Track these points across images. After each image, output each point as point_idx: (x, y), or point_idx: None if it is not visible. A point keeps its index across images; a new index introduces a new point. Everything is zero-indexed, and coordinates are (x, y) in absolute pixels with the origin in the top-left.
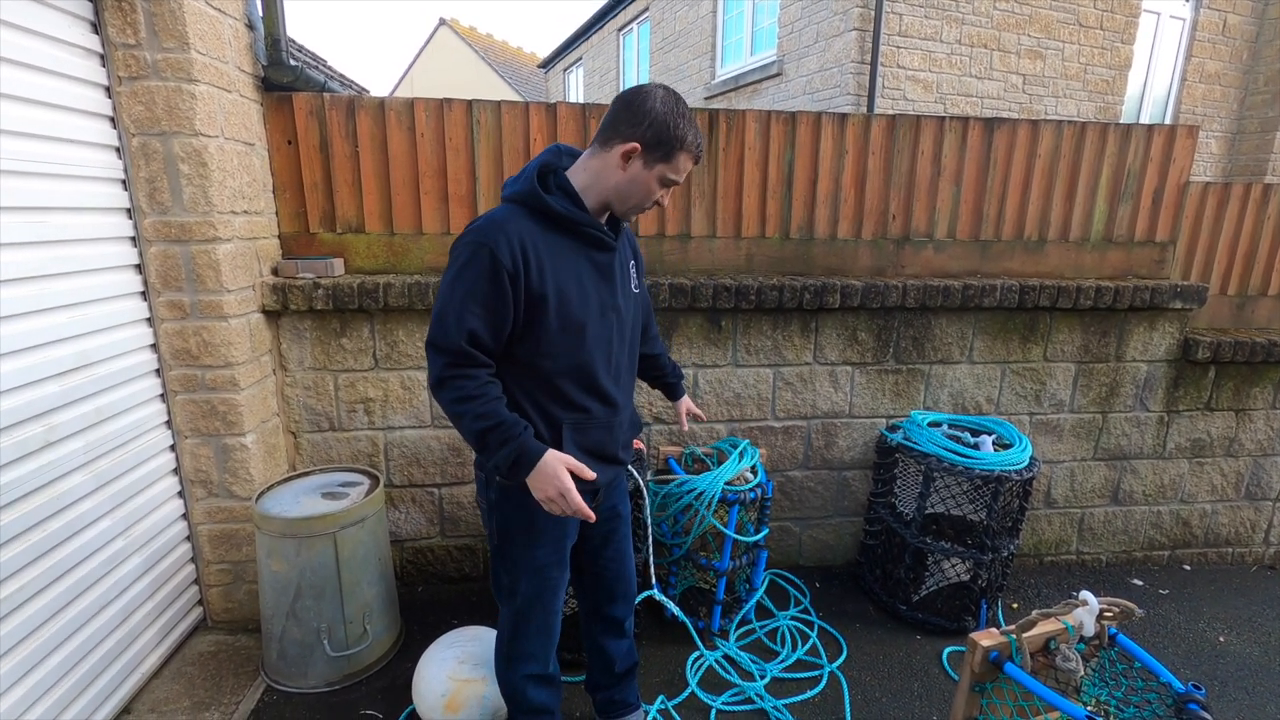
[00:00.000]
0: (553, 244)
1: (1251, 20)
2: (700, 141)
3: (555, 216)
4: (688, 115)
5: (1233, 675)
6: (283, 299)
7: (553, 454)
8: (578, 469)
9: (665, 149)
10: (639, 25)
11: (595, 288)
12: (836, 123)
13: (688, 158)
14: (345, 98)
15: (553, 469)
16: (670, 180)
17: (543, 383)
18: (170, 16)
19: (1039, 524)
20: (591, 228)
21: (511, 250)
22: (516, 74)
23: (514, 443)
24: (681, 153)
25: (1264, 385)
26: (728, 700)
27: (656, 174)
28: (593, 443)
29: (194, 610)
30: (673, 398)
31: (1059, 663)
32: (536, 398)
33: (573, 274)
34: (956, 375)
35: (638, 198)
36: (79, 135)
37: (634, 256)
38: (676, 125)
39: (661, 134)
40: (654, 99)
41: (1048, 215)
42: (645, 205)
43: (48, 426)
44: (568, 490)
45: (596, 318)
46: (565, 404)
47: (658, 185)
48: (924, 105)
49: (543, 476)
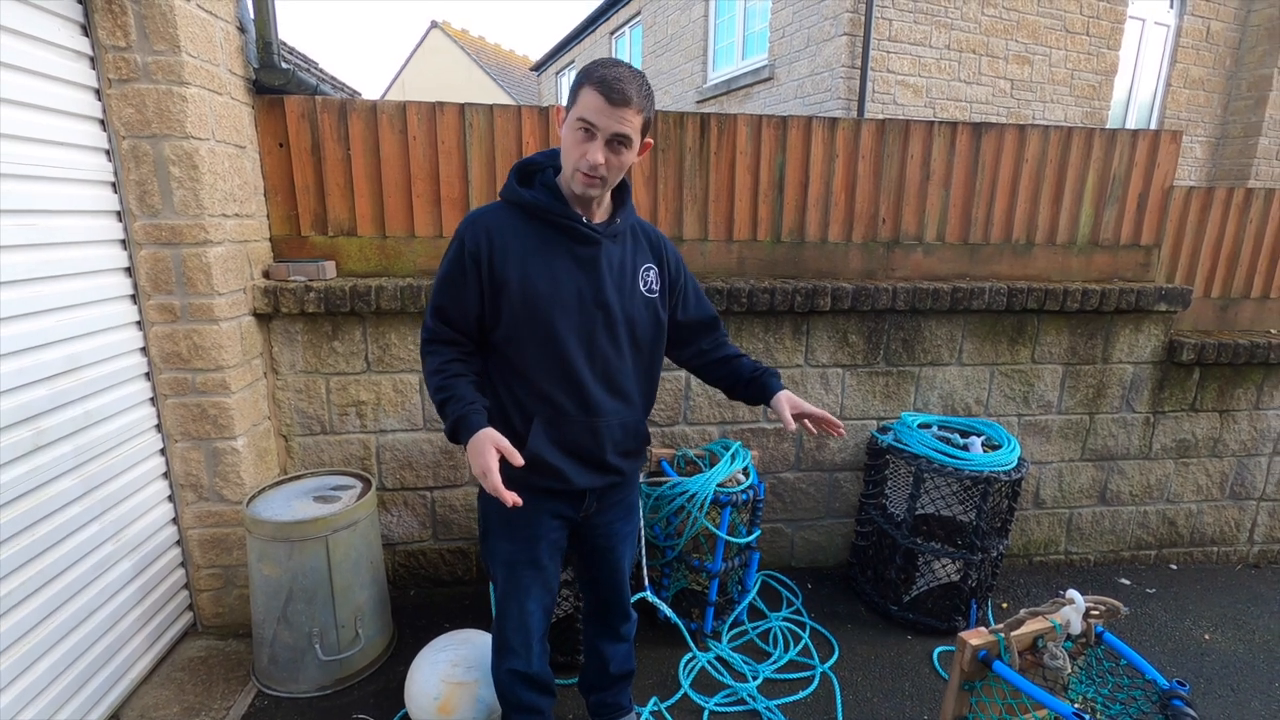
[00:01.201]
0: (529, 234)
1: (1234, 27)
2: (611, 76)
3: (529, 207)
4: (611, 63)
5: (1218, 672)
6: (274, 302)
7: (486, 432)
8: (507, 451)
9: (574, 94)
10: (631, 29)
11: (572, 279)
12: (827, 127)
13: (591, 92)
14: (337, 101)
15: (480, 445)
16: (586, 123)
17: (516, 372)
18: (161, 19)
19: (1028, 524)
20: (564, 218)
21: (476, 236)
22: (508, 77)
23: (458, 414)
24: (585, 87)
25: (1247, 386)
26: (720, 701)
27: (571, 123)
28: (568, 442)
29: (184, 615)
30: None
31: (1047, 661)
32: (512, 387)
33: (544, 263)
34: (946, 377)
35: (570, 159)
36: (68, 138)
37: (654, 260)
38: (591, 70)
39: (575, 82)
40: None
41: (1035, 219)
42: (579, 167)
43: (37, 430)
44: (488, 469)
45: (572, 309)
46: (537, 396)
47: (577, 136)
48: (914, 109)
49: (473, 451)
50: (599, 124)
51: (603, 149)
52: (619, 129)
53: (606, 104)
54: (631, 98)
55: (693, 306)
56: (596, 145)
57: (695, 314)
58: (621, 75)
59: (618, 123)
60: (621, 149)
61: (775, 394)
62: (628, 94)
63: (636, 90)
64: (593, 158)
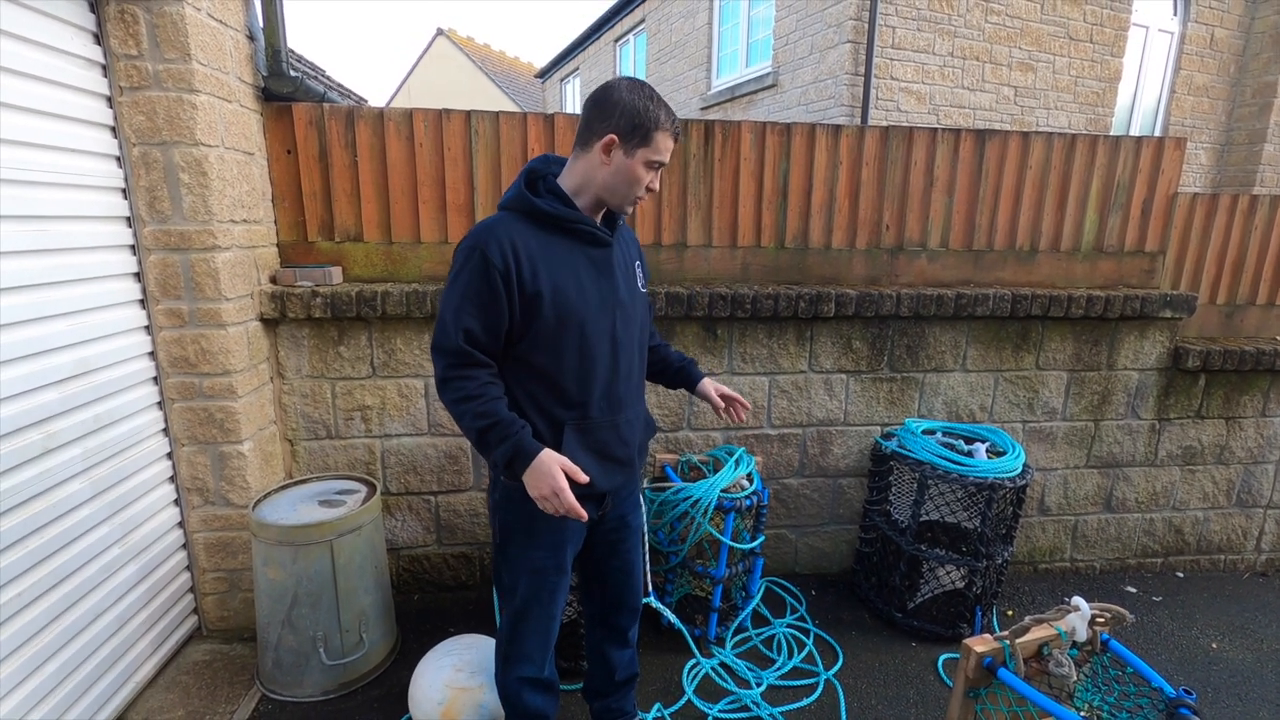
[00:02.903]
0: (546, 243)
1: (1238, 34)
2: (675, 118)
3: (545, 216)
4: (656, 97)
5: (1225, 682)
6: (281, 307)
7: (548, 453)
8: (572, 471)
9: (642, 133)
10: (636, 36)
11: (594, 283)
12: (830, 134)
13: (665, 135)
14: (344, 108)
15: (547, 468)
16: (655, 162)
17: (544, 381)
18: (172, 28)
19: (1033, 531)
20: (582, 224)
21: (502, 250)
22: (513, 84)
23: (510, 440)
24: (658, 132)
25: (1254, 393)
26: (724, 708)
27: (640, 159)
28: (597, 443)
29: (189, 619)
30: (691, 385)
31: (1052, 668)
32: (538, 398)
33: (569, 271)
34: (950, 383)
35: (626, 187)
36: (80, 145)
37: (639, 258)
38: (646, 108)
39: (634, 119)
40: (619, 90)
41: (1039, 225)
42: (636, 193)
43: (46, 433)
44: (561, 489)
45: (596, 313)
46: (567, 403)
47: (644, 170)
48: (917, 116)
49: (537, 475)
50: (667, 161)
51: None
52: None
53: (674, 144)
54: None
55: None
56: (657, 176)
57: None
58: (674, 112)
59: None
60: None
61: (700, 380)
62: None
63: None
64: (654, 186)
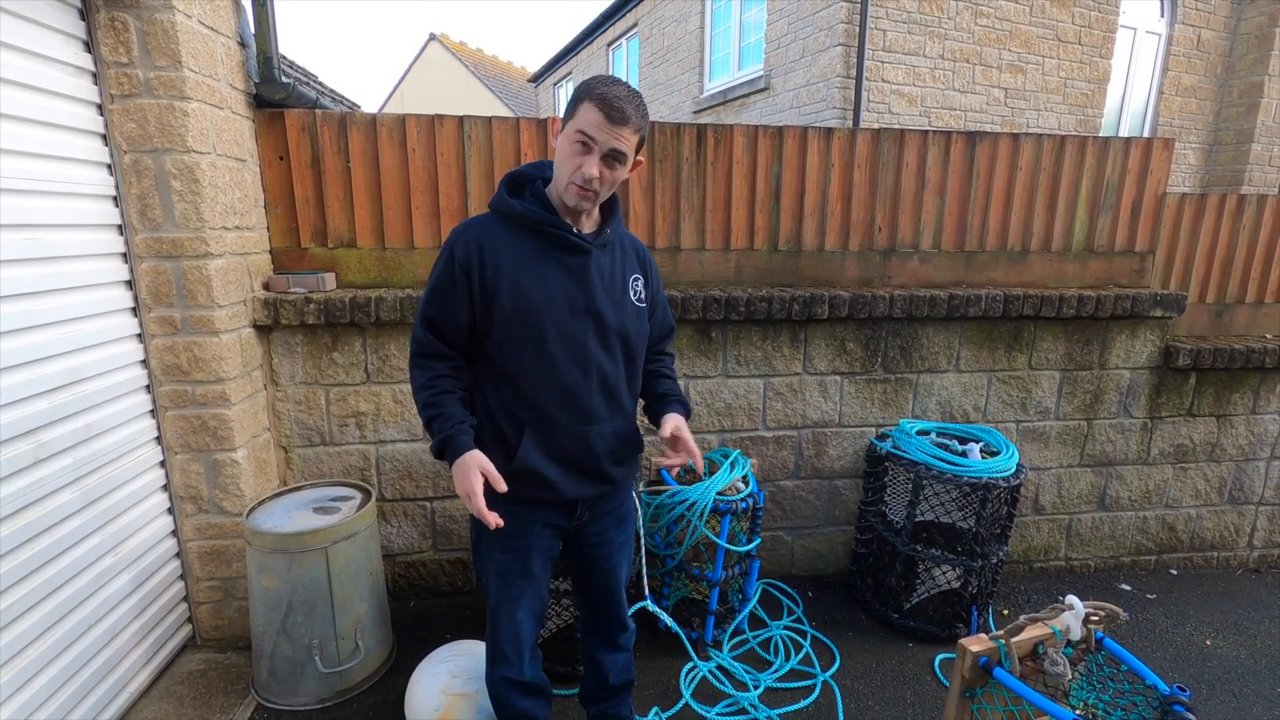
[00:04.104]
0: (517, 244)
1: (1225, 35)
2: (610, 93)
3: (518, 217)
4: (610, 80)
5: (1219, 678)
6: (274, 314)
7: (473, 455)
8: (492, 478)
9: (572, 107)
10: (628, 40)
11: (563, 288)
12: (822, 137)
13: (590, 106)
14: (337, 114)
15: (466, 468)
16: (585, 137)
17: (508, 383)
18: (163, 35)
19: (1028, 530)
20: (555, 227)
21: (467, 247)
22: (506, 88)
23: (445, 433)
24: (584, 102)
25: (1244, 391)
26: (722, 711)
27: (569, 135)
28: (561, 450)
29: (183, 628)
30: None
31: (1047, 667)
32: (504, 398)
33: (535, 273)
34: (944, 384)
35: (564, 170)
36: (70, 153)
37: (641, 271)
38: (589, 86)
39: (574, 96)
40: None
41: (1030, 226)
42: (574, 179)
43: (37, 443)
44: (472, 493)
45: (565, 318)
46: (529, 405)
47: (574, 149)
48: (909, 119)
49: (458, 473)
50: (597, 139)
51: (598, 163)
52: (615, 145)
53: (606, 121)
54: (630, 117)
55: (660, 317)
56: (593, 159)
57: (661, 325)
58: (621, 94)
59: (615, 139)
60: (616, 165)
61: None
62: (626, 113)
63: (634, 110)
64: (588, 171)
